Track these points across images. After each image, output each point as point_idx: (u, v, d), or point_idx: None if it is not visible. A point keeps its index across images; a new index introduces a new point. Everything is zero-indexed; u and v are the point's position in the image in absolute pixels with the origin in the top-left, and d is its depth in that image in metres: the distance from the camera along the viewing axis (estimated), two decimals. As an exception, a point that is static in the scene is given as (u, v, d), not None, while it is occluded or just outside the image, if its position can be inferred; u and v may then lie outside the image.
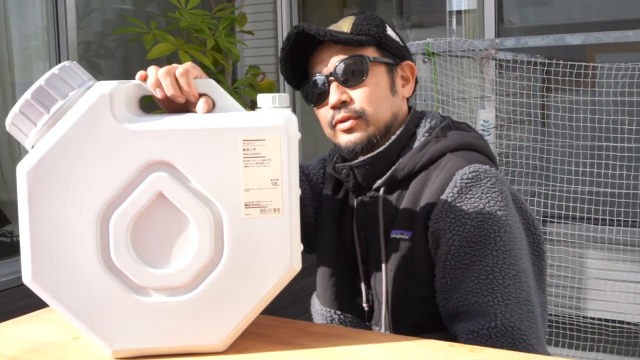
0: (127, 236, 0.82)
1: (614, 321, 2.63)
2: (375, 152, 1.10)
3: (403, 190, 1.10)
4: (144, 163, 0.81)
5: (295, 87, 1.16)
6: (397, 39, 1.16)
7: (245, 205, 0.82)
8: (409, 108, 1.18)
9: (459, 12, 4.08)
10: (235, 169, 0.82)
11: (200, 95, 0.87)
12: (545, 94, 2.93)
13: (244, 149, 0.82)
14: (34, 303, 0.94)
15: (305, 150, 4.80)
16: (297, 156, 0.84)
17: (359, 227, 1.14)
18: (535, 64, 2.89)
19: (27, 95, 0.82)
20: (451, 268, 1.01)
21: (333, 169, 1.16)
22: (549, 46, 2.60)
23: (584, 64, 2.65)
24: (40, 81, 0.83)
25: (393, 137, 1.11)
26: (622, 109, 2.60)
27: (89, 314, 0.82)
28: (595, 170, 2.63)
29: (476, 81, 2.85)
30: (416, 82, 1.19)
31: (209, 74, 3.15)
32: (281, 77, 4.65)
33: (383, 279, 1.08)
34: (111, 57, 3.64)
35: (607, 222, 2.66)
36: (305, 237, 1.24)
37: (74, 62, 0.88)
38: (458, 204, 1.02)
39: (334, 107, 1.10)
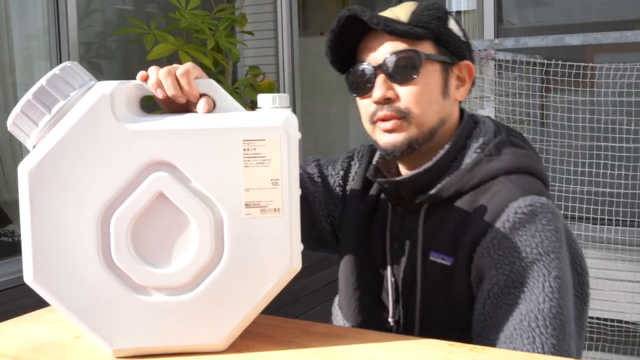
0: (127, 236, 0.82)
1: (612, 320, 2.63)
2: (422, 169, 1.01)
3: (447, 209, 1.01)
4: (144, 163, 0.81)
5: (340, 71, 1.07)
6: (460, 33, 1.06)
7: (246, 205, 0.82)
8: (461, 111, 1.09)
9: (458, 13, 4.08)
10: (236, 169, 0.82)
11: (201, 95, 0.87)
12: (544, 94, 2.93)
13: (244, 149, 0.82)
14: (35, 302, 0.95)
15: (305, 150, 4.80)
16: (297, 156, 0.84)
17: (392, 237, 1.07)
18: (535, 64, 2.89)
19: (29, 95, 0.82)
20: (492, 307, 0.94)
21: (372, 176, 1.09)
22: (548, 47, 2.61)
23: (583, 64, 2.66)
24: (42, 81, 0.83)
25: (442, 152, 1.02)
26: (621, 110, 2.60)
27: (89, 313, 0.83)
28: (594, 170, 2.63)
29: (475, 81, 2.85)
30: (472, 84, 1.09)
31: (209, 74, 3.15)
32: (281, 78, 4.66)
33: (417, 304, 1.02)
34: (112, 58, 3.65)
35: (606, 221, 2.66)
36: (320, 239, 1.19)
37: (75, 62, 0.88)
38: (508, 240, 0.93)
39: (377, 102, 1.01)
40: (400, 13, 1.02)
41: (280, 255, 0.84)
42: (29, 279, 0.82)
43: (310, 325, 0.95)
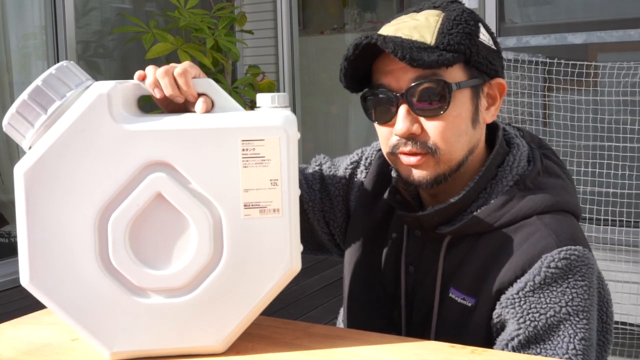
0: (125, 237, 0.81)
1: (616, 322, 2.62)
2: (448, 203, 0.94)
3: (472, 244, 0.94)
4: (142, 164, 0.80)
5: (354, 90, 0.97)
6: (490, 42, 0.95)
7: (245, 205, 0.82)
8: (494, 127, 1.00)
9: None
10: (235, 170, 0.81)
11: (199, 94, 0.86)
12: (547, 93, 2.92)
13: (243, 149, 0.81)
14: (32, 304, 0.94)
15: (305, 150, 4.80)
16: (296, 156, 0.83)
17: (409, 261, 1.01)
18: (537, 63, 2.88)
19: (24, 95, 0.81)
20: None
21: (391, 200, 1.01)
22: (551, 45, 2.60)
23: (585, 63, 2.65)
24: (37, 81, 0.82)
25: (471, 184, 0.94)
26: (625, 109, 2.60)
27: (87, 316, 0.82)
28: (598, 170, 2.62)
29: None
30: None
31: (209, 73, 3.15)
32: (281, 77, 4.65)
33: (431, 338, 0.97)
34: (110, 57, 3.64)
35: (610, 222, 2.65)
36: (319, 245, 1.16)
37: (72, 61, 0.87)
38: (536, 295, 0.87)
39: (399, 136, 0.92)
40: (426, 31, 0.90)
41: (280, 256, 0.83)
42: (25, 281, 0.81)
43: (311, 327, 0.95)
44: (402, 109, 0.91)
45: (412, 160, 0.92)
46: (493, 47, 0.96)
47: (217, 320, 0.83)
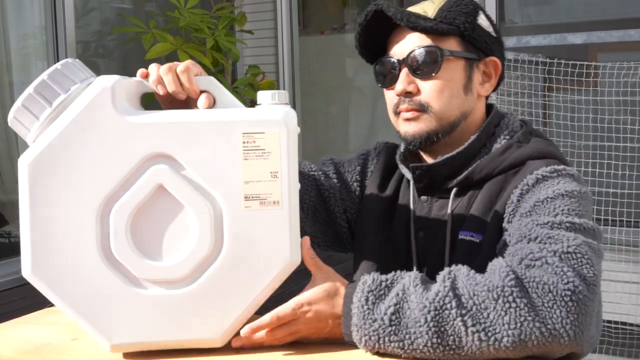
0: (127, 228, 0.81)
1: (617, 322, 2.61)
2: (454, 152, 1.04)
3: (475, 192, 1.04)
4: (144, 155, 0.81)
5: (369, 62, 1.11)
6: (490, 29, 1.08)
7: (245, 197, 0.82)
8: (491, 106, 1.12)
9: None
10: (235, 162, 0.82)
11: (201, 92, 0.87)
12: (547, 93, 2.92)
13: (244, 142, 0.81)
14: (32, 304, 0.94)
15: (305, 150, 4.79)
16: (296, 149, 0.84)
17: (418, 227, 1.08)
18: (537, 63, 2.88)
19: (30, 89, 0.83)
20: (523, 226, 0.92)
21: (401, 163, 1.11)
22: (551, 45, 2.60)
23: (586, 63, 2.64)
24: (43, 75, 0.83)
25: (472, 137, 1.05)
26: (625, 109, 2.59)
27: (88, 307, 0.82)
28: (598, 170, 2.62)
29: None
30: (500, 79, 1.10)
31: (209, 73, 3.13)
32: (281, 77, 4.65)
33: None
34: (110, 57, 3.64)
35: (610, 222, 2.64)
36: (336, 238, 1.19)
37: (77, 59, 0.89)
38: (533, 191, 0.96)
39: (399, 95, 1.05)
40: (429, 8, 1.04)
41: (280, 248, 0.83)
42: (26, 272, 0.82)
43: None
44: (403, 72, 1.04)
45: (408, 114, 1.04)
46: (493, 33, 1.08)
47: (216, 313, 0.83)
